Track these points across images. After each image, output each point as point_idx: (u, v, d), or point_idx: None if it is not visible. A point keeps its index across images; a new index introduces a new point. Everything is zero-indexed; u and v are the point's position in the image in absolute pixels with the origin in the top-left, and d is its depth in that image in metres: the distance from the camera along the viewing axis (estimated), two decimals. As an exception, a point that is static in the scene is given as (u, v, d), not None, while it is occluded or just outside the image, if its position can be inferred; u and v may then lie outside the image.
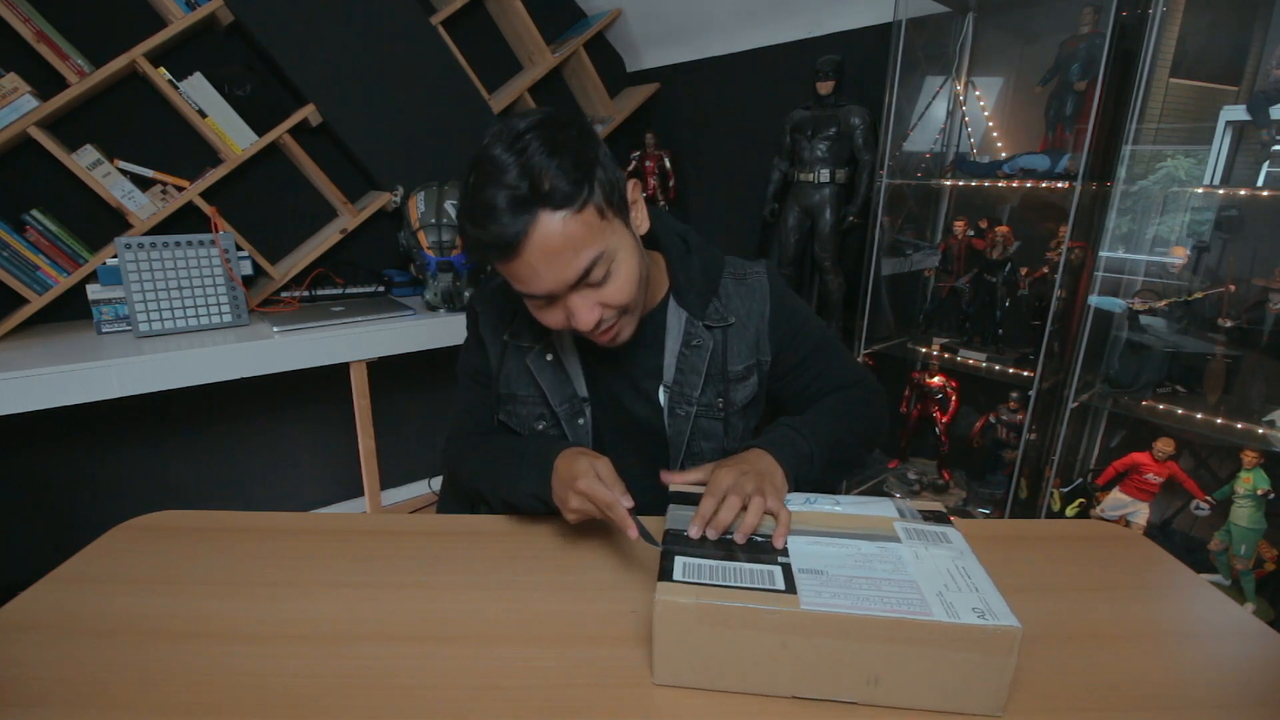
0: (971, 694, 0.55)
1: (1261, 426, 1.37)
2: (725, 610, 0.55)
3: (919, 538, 0.66)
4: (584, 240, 0.69)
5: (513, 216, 0.66)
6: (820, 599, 0.55)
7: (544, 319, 0.76)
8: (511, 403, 0.91)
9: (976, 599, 0.56)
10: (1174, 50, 1.47)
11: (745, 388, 0.90)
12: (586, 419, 0.89)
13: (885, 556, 0.62)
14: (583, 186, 0.68)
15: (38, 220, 1.71)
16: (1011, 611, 0.54)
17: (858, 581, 0.58)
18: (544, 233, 0.67)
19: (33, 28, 1.63)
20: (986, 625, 0.53)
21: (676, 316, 0.87)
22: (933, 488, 1.94)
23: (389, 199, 2.10)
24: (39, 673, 0.59)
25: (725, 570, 0.59)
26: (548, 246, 0.67)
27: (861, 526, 0.68)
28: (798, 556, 0.62)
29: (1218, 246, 1.48)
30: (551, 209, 0.67)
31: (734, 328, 0.88)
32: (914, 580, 0.58)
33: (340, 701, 0.56)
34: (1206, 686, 0.60)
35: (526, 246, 0.67)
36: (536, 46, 2.36)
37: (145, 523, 0.85)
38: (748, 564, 0.61)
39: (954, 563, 0.61)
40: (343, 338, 1.81)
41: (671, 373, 0.87)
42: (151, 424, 2.03)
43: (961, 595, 0.56)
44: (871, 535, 0.66)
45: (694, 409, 0.87)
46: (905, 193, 1.89)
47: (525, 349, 0.89)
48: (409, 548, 0.80)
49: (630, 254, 0.74)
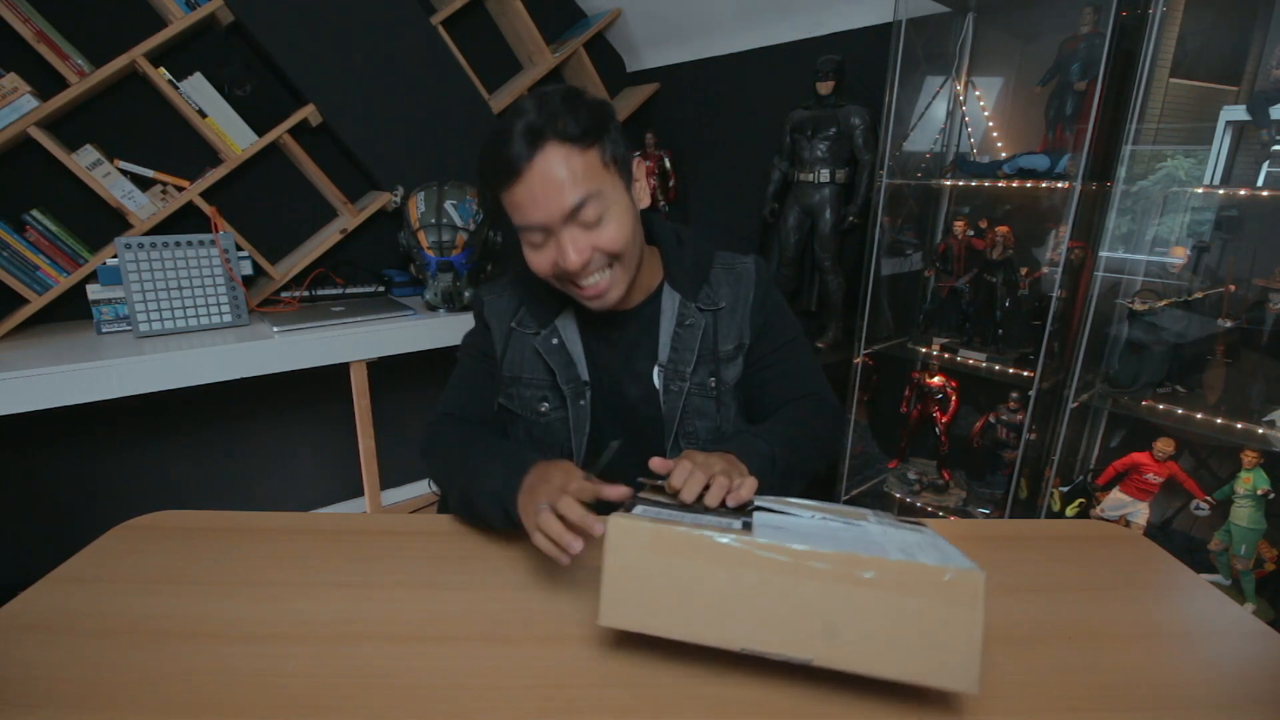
0: (939, 658, 0.51)
1: (1261, 426, 1.37)
2: (677, 536, 0.54)
3: (889, 524, 0.64)
4: (583, 176, 0.76)
5: (524, 142, 0.74)
6: (776, 539, 0.54)
7: (536, 261, 0.82)
8: (515, 385, 0.95)
9: (939, 555, 0.54)
10: (1174, 50, 1.47)
11: (735, 366, 0.95)
12: (586, 401, 0.92)
13: (849, 529, 0.60)
14: (590, 134, 0.76)
15: (38, 220, 1.71)
16: (977, 566, 0.51)
17: (817, 537, 0.56)
18: (548, 160, 0.75)
19: (33, 28, 1.63)
20: (946, 566, 0.51)
21: (671, 300, 0.93)
22: (933, 488, 1.94)
23: (389, 199, 2.10)
24: (39, 673, 0.59)
25: (684, 516, 0.60)
26: (549, 174, 0.75)
27: (831, 512, 0.66)
28: (761, 521, 0.61)
29: (1218, 246, 1.48)
30: (559, 141, 0.75)
31: (723, 311, 0.94)
32: (879, 543, 0.56)
33: (340, 701, 0.56)
34: (1206, 686, 0.60)
35: (530, 171, 0.75)
36: (536, 46, 2.36)
37: (145, 523, 0.85)
38: (708, 515, 0.61)
39: (920, 539, 0.59)
40: (343, 338, 1.81)
41: (666, 352, 0.92)
42: (151, 424, 2.03)
43: (925, 552, 0.54)
44: (840, 515, 0.65)
45: (687, 385, 0.92)
46: (905, 193, 1.89)
47: (531, 335, 0.94)
48: (409, 548, 0.80)
49: (625, 211, 0.81)
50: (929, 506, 1.88)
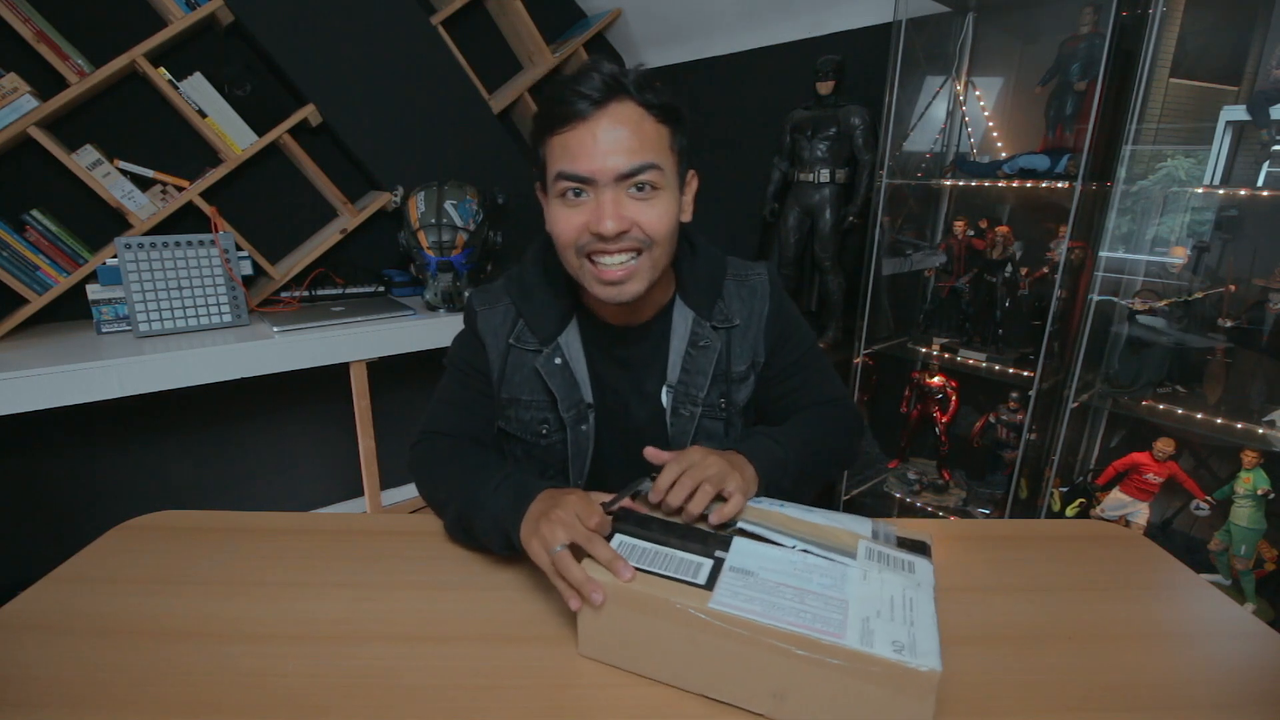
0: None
1: (1261, 426, 1.37)
2: (640, 596, 0.56)
3: (878, 560, 0.61)
4: (651, 142, 0.72)
5: (603, 87, 0.70)
6: (734, 600, 0.54)
7: (564, 220, 0.75)
8: (514, 407, 0.89)
9: (904, 632, 0.51)
10: (1174, 50, 1.47)
11: (745, 388, 0.91)
12: (589, 425, 0.87)
13: (828, 570, 0.59)
14: (669, 113, 0.74)
15: (38, 220, 1.71)
16: (938, 654, 0.49)
17: (784, 590, 0.56)
18: (622, 111, 0.71)
19: (33, 28, 1.63)
20: (897, 661, 0.48)
21: (683, 316, 0.88)
22: (933, 488, 1.94)
23: (389, 199, 2.10)
24: (39, 673, 0.59)
25: (656, 555, 0.60)
26: (619, 125, 0.71)
27: (820, 536, 0.64)
28: (736, 553, 0.61)
29: (1218, 246, 1.48)
30: (639, 102, 0.72)
31: (737, 329, 0.89)
32: (845, 600, 0.55)
33: (340, 701, 0.56)
34: (1206, 686, 0.60)
35: (599, 115, 0.71)
36: (536, 46, 2.36)
37: (145, 523, 0.85)
38: (680, 551, 0.61)
39: (903, 591, 0.56)
40: (343, 338, 1.81)
41: (676, 372, 0.87)
42: (151, 424, 2.02)
43: (889, 626, 0.52)
44: (825, 545, 0.62)
45: (699, 409, 0.87)
46: (905, 193, 1.89)
47: (531, 353, 0.87)
48: (409, 548, 0.80)
49: (673, 203, 0.77)
50: (929, 506, 1.88)
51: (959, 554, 0.83)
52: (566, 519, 0.62)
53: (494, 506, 0.71)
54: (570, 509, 0.63)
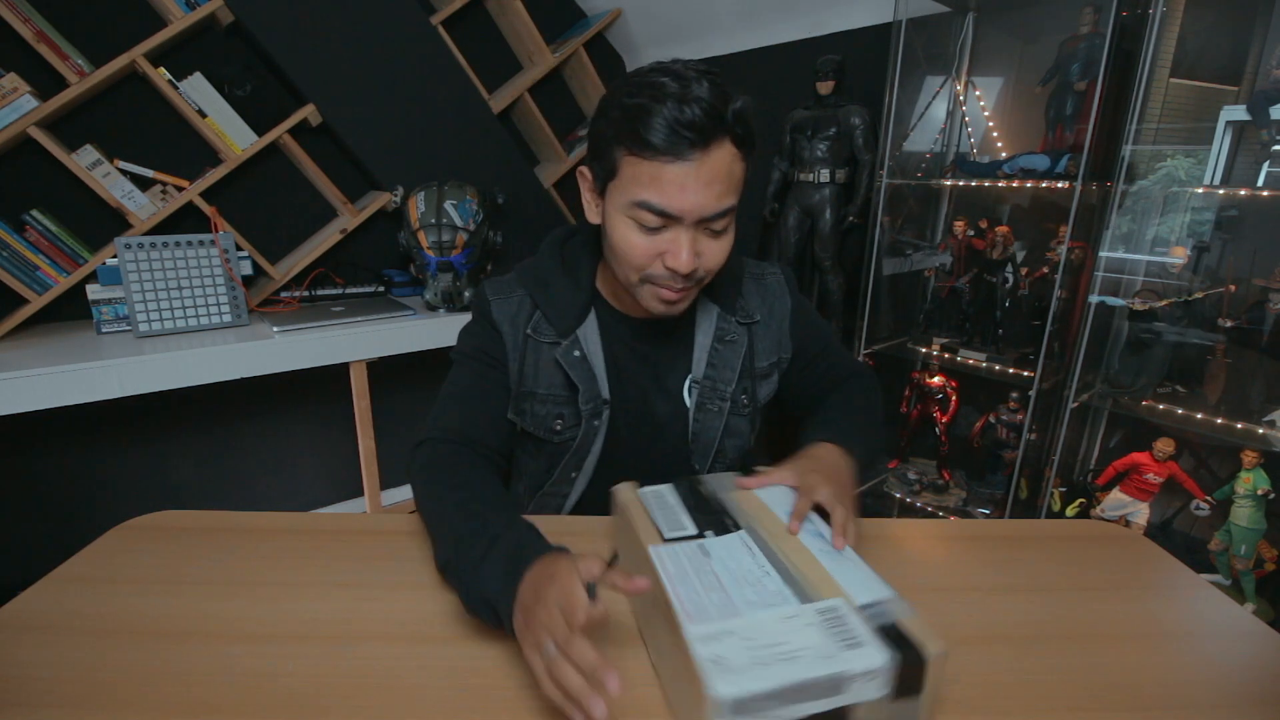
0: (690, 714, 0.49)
1: (1261, 426, 1.37)
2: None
3: (824, 622, 0.51)
4: (736, 184, 0.72)
5: (706, 125, 0.67)
6: (670, 560, 0.60)
7: (637, 246, 0.73)
8: (529, 401, 0.86)
9: (750, 664, 0.47)
10: (1174, 50, 1.47)
11: (769, 384, 0.93)
12: (603, 421, 0.86)
13: (771, 594, 0.55)
14: (751, 145, 0.73)
15: (38, 220, 1.71)
16: (745, 700, 0.45)
17: (712, 579, 0.57)
18: (720, 156, 0.69)
19: (33, 28, 1.63)
20: (702, 669, 0.46)
21: (707, 312, 0.88)
22: (933, 488, 1.94)
23: (389, 199, 2.10)
24: (39, 673, 0.58)
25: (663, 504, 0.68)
26: (716, 171, 0.69)
27: (802, 571, 0.57)
28: (722, 540, 0.63)
29: (1218, 246, 1.48)
30: (735, 143, 0.70)
31: (759, 325, 0.91)
32: (745, 614, 0.52)
33: (340, 701, 0.56)
34: (1206, 686, 0.60)
35: (701, 160, 0.68)
36: (536, 46, 2.36)
37: (145, 523, 0.85)
38: (690, 513, 0.68)
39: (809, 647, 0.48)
40: (343, 338, 1.81)
41: (702, 367, 0.87)
42: (151, 424, 2.02)
43: (749, 651, 0.48)
44: (795, 579, 0.57)
45: (727, 404, 0.88)
46: (905, 193, 1.89)
47: (550, 344, 0.85)
48: (409, 548, 0.80)
49: (733, 235, 0.77)
50: (929, 506, 1.88)
51: (959, 554, 0.83)
52: (548, 620, 0.52)
53: (485, 581, 0.61)
54: (551, 605, 0.53)
